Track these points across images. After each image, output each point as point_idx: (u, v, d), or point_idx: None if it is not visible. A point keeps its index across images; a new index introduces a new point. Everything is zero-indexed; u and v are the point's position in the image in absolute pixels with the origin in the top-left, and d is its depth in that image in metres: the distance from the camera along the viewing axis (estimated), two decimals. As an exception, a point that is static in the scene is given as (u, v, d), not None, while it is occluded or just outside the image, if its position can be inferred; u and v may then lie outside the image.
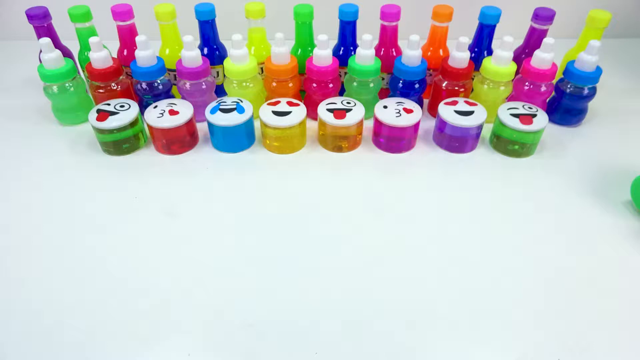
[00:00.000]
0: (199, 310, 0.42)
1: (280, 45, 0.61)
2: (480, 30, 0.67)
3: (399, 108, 0.60)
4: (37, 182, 0.56)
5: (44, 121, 0.67)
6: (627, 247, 0.48)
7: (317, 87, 0.63)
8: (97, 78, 0.62)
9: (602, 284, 0.45)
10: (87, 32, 0.66)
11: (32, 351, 0.39)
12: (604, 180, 0.57)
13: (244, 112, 0.59)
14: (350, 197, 0.55)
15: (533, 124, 0.57)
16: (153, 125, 0.58)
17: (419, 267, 0.46)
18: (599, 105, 0.70)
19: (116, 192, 0.55)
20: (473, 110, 0.60)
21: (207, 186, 0.56)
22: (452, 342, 0.40)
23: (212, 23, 0.67)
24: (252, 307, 0.43)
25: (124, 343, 0.40)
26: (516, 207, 0.53)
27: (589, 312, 0.42)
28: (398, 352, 0.39)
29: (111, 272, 0.46)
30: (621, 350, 0.39)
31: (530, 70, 0.62)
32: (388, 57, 0.67)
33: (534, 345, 0.40)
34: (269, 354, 0.39)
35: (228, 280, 0.45)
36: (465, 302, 0.43)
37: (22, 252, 0.48)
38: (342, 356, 0.39)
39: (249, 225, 0.51)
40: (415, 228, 0.50)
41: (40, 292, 0.44)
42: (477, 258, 0.47)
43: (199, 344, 0.40)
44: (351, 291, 0.44)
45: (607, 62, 0.74)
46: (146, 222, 0.51)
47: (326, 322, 0.41)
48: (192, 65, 0.61)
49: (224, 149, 0.61)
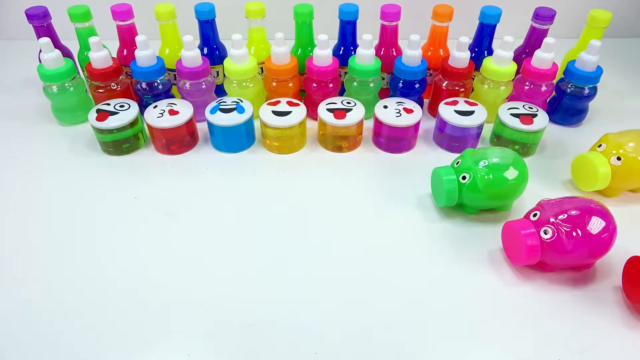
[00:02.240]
0: (199, 311, 0.42)
1: (280, 45, 0.61)
2: (480, 30, 0.67)
3: (399, 108, 0.60)
4: (36, 182, 0.56)
5: (43, 121, 0.67)
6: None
7: (317, 87, 0.63)
8: (97, 78, 0.62)
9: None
10: (86, 32, 0.66)
11: (32, 351, 0.39)
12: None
13: (244, 112, 0.59)
14: (350, 197, 0.54)
15: (533, 124, 0.57)
16: (153, 125, 0.58)
17: (419, 267, 0.46)
18: (599, 105, 0.70)
19: (116, 192, 0.55)
20: (473, 110, 0.60)
21: (207, 186, 0.56)
22: (452, 342, 0.40)
23: (212, 23, 0.67)
24: (252, 307, 0.43)
25: (124, 343, 0.40)
26: (517, 206, 0.53)
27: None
28: (399, 352, 0.39)
29: (111, 272, 0.46)
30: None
31: (530, 70, 0.62)
32: (388, 57, 0.67)
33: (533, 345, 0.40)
34: (269, 354, 0.39)
35: (228, 280, 0.45)
36: (473, 303, 0.43)
37: (22, 252, 0.48)
38: (342, 356, 0.39)
39: (249, 225, 0.51)
40: (414, 228, 0.50)
41: (40, 292, 0.44)
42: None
43: (199, 344, 0.40)
44: (352, 291, 0.44)
45: (608, 62, 0.74)
46: (146, 222, 0.51)
47: (326, 322, 0.41)
48: (192, 65, 0.61)
49: (224, 149, 0.61)
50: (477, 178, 0.48)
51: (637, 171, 0.51)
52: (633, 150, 0.50)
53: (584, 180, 0.54)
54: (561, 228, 0.42)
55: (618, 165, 0.51)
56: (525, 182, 0.49)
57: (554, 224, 0.42)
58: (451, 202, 0.49)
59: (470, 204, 0.50)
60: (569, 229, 0.41)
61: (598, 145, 0.53)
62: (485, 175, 0.47)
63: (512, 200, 0.51)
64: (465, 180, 0.48)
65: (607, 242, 0.42)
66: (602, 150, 0.52)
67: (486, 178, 0.47)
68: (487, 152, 0.49)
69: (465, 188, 0.48)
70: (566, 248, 0.41)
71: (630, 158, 0.50)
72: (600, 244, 0.42)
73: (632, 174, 0.51)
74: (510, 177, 0.48)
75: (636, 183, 0.53)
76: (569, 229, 0.41)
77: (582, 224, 0.42)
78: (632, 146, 0.51)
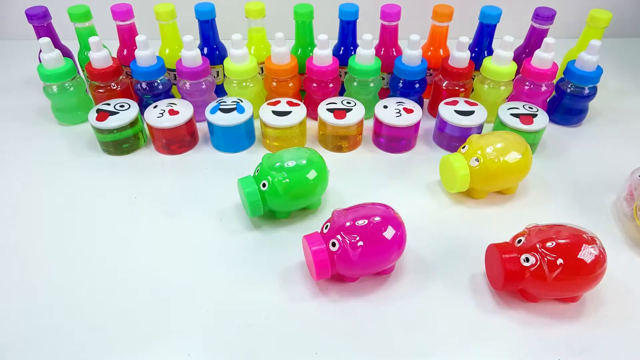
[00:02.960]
0: (199, 310, 0.42)
1: (280, 45, 0.61)
2: (480, 30, 0.67)
3: (399, 108, 0.60)
4: (36, 182, 0.56)
5: (43, 121, 0.67)
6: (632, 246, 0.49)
7: (317, 87, 0.63)
8: (97, 78, 0.62)
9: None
10: (86, 32, 0.66)
11: (32, 351, 0.39)
12: (604, 180, 0.57)
13: (244, 112, 0.59)
14: (350, 197, 0.54)
15: (533, 124, 0.57)
16: (153, 125, 0.58)
17: (418, 267, 0.46)
18: (599, 105, 0.70)
19: (116, 192, 0.55)
20: (473, 110, 0.60)
21: (207, 186, 0.56)
22: (450, 342, 0.40)
23: (212, 23, 0.67)
24: (252, 307, 0.43)
25: (124, 343, 0.40)
26: (518, 206, 0.53)
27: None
28: (399, 353, 0.39)
29: (111, 272, 0.46)
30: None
31: (530, 70, 0.62)
32: (388, 56, 0.67)
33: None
34: (269, 354, 0.39)
35: (228, 280, 0.45)
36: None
37: (21, 252, 0.48)
38: (342, 356, 0.39)
39: (249, 225, 0.51)
40: (414, 228, 0.50)
41: (40, 292, 0.44)
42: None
43: (199, 344, 0.40)
44: (352, 291, 0.44)
45: (608, 62, 0.74)
46: (146, 222, 0.51)
47: (326, 322, 0.41)
48: (192, 65, 0.61)
49: (224, 149, 0.61)
50: (275, 183, 0.46)
51: (494, 173, 0.50)
52: (491, 153, 0.50)
53: (447, 181, 0.53)
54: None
55: (476, 167, 0.50)
56: (325, 177, 0.49)
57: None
58: (258, 212, 0.48)
59: (279, 209, 0.49)
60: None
61: (463, 146, 0.53)
62: (283, 179, 0.46)
63: (318, 197, 0.50)
64: (265, 187, 0.47)
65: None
66: (464, 152, 0.51)
67: (284, 182, 0.46)
68: (282, 155, 0.49)
69: (267, 194, 0.47)
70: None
71: (488, 160, 0.50)
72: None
73: (490, 176, 0.50)
74: (309, 177, 0.47)
75: (497, 185, 0.53)
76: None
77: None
78: (491, 148, 0.50)
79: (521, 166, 0.51)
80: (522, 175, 0.52)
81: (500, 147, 0.50)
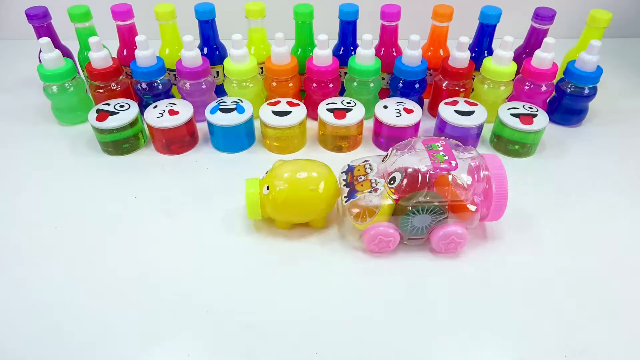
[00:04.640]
0: (199, 311, 0.42)
1: (280, 45, 0.61)
2: (480, 30, 0.67)
3: (399, 108, 0.60)
4: (36, 182, 0.56)
5: (43, 121, 0.67)
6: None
7: (317, 87, 0.63)
8: (97, 78, 0.62)
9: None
10: (86, 32, 0.66)
11: (32, 351, 0.39)
12: (604, 180, 0.57)
13: (244, 112, 0.59)
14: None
15: (533, 124, 0.57)
16: (153, 125, 0.58)
17: (420, 267, 0.46)
18: (599, 105, 0.70)
19: (116, 192, 0.55)
20: (473, 110, 0.60)
21: (207, 186, 0.56)
22: (448, 339, 0.40)
23: (212, 23, 0.67)
24: (252, 307, 0.43)
25: (124, 343, 0.40)
26: (517, 206, 0.53)
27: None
28: (399, 352, 0.39)
29: (111, 272, 0.46)
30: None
31: (530, 70, 0.62)
32: (388, 57, 0.67)
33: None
34: (269, 354, 0.39)
35: (228, 280, 0.45)
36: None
37: (21, 252, 0.48)
38: (342, 356, 0.39)
39: (249, 225, 0.51)
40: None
41: (40, 292, 0.44)
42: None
43: (199, 344, 0.40)
44: (352, 291, 0.44)
45: (608, 62, 0.74)
46: (146, 222, 0.51)
47: (326, 322, 0.41)
48: (192, 65, 0.61)
49: (224, 149, 0.61)
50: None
51: (281, 204, 0.46)
52: (281, 183, 0.46)
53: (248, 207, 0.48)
54: None
55: (266, 195, 0.46)
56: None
57: None
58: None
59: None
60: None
61: (267, 171, 0.49)
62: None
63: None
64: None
65: None
66: (262, 178, 0.48)
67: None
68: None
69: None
70: None
71: (277, 191, 0.45)
72: None
73: (278, 206, 0.46)
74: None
75: (290, 216, 0.48)
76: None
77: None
78: (285, 177, 0.46)
79: (316, 200, 0.46)
80: (318, 210, 0.47)
81: (294, 178, 0.46)
